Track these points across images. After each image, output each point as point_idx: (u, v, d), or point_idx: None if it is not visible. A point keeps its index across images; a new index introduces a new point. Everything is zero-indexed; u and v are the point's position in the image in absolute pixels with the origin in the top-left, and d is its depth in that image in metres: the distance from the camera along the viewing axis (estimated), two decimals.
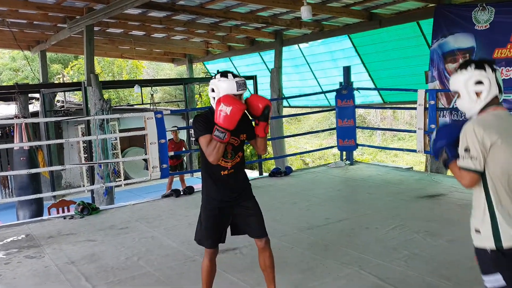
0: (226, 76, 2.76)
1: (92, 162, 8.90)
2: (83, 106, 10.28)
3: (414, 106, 7.07)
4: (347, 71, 8.07)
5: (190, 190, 6.66)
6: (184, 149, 9.91)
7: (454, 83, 2.15)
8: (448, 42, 7.30)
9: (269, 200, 5.90)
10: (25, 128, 8.09)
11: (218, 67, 14.24)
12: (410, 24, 9.01)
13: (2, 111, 13.45)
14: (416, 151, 7.21)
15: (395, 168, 8.16)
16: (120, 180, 12.81)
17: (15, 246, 4.64)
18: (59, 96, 14.58)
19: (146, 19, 9.83)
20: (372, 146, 19.47)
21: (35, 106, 13.77)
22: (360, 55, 10.66)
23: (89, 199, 7.83)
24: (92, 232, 4.98)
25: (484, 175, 2.01)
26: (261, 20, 9.62)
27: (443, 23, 7.36)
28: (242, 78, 2.81)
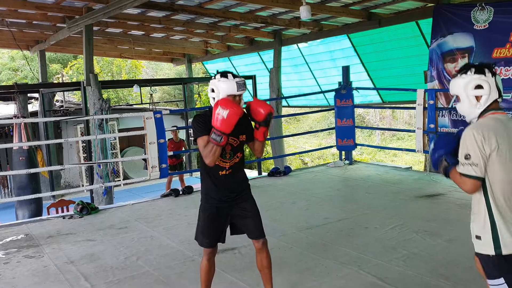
0: (226, 76, 2.77)
1: (91, 162, 8.90)
2: (82, 105, 10.27)
3: (413, 105, 7.08)
4: (346, 70, 8.08)
5: (189, 190, 6.65)
6: (184, 148, 9.91)
7: (454, 87, 2.16)
8: (447, 41, 7.31)
9: (268, 199, 5.90)
10: (24, 128, 8.08)
11: (217, 67, 14.24)
12: (409, 24, 9.01)
13: (1, 111, 13.42)
14: (415, 151, 7.22)
15: (394, 168, 8.15)
16: (119, 180, 12.82)
17: (14, 245, 4.64)
18: (58, 96, 14.59)
19: (145, 18, 9.84)
20: (371, 146, 19.47)
21: (34, 106, 13.78)
22: (359, 54, 10.65)
23: (88, 199, 7.84)
24: (91, 232, 4.99)
25: (484, 180, 2.02)
26: (260, 20, 9.63)
27: (442, 22, 7.36)
28: (242, 79, 2.81)
